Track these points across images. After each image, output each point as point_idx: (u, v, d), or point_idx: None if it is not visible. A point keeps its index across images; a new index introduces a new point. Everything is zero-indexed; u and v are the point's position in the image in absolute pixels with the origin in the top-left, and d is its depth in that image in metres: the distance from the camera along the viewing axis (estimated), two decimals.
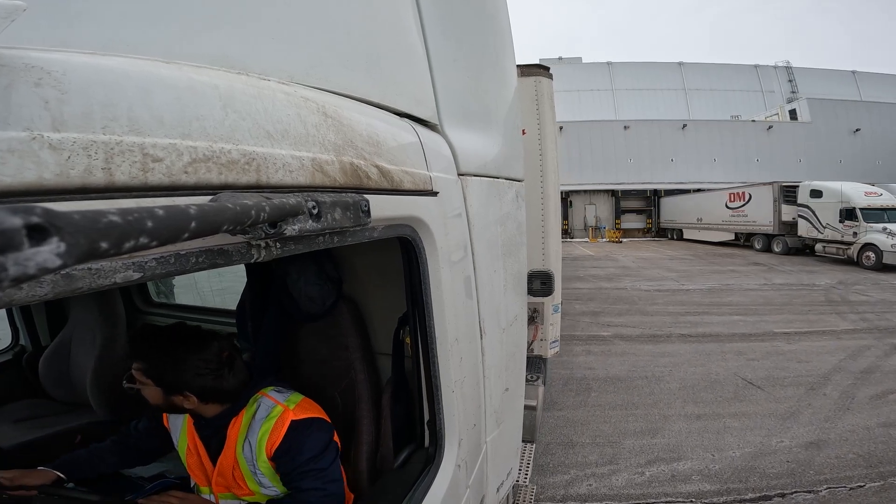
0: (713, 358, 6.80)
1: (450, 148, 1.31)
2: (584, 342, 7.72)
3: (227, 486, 1.44)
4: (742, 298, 11.01)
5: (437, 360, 1.20)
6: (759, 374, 6.11)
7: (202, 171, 0.53)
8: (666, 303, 10.77)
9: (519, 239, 1.89)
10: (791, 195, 19.74)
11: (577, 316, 9.67)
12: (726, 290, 12.19)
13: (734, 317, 9.23)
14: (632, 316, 9.59)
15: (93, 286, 0.42)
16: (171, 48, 0.66)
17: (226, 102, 0.59)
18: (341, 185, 0.76)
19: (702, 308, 10.13)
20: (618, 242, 30.84)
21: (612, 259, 20.83)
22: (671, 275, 15.20)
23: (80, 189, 0.42)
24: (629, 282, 14.01)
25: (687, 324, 8.80)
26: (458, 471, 1.30)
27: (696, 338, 7.88)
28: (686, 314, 9.60)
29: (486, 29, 1.74)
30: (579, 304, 10.85)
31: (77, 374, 2.49)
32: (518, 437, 2.13)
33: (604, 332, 8.32)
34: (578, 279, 14.91)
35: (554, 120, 3.95)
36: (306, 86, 0.83)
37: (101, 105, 0.45)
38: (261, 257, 0.61)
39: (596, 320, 9.25)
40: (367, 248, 1.47)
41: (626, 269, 16.94)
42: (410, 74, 1.22)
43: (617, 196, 34.75)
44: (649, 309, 10.16)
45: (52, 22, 0.60)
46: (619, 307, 10.41)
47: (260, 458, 1.38)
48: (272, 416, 1.39)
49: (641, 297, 11.45)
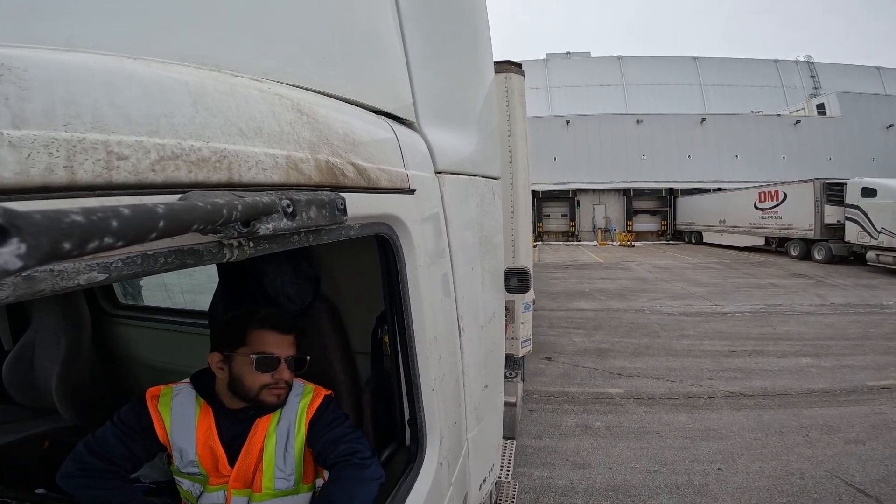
0: (789, 440, 4.29)
1: (427, 145, 1.31)
2: (581, 407, 5.14)
3: (245, 481, 1.39)
4: (801, 327, 8.24)
5: (416, 359, 1.20)
6: (874, 473, 3.67)
7: (171, 170, 0.52)
8: (699, 334, 7.95)
9: (496, 236, 1.91)
10: (836, 194, 16.96)
11: (576, 357, 6.87)
12: (775, 313, 9.39)
13: (801, 359, 6.52)
14: (653, 357, 6.79)
15: (56, 288, 0.40)
16: (139, 44, 0.64)
17: (196, 99, 0.58)
18: (317, 184, 0.76)
19: (751, 343, 7.31)
20: (629, 246, 28.34)
21: (623, 267, 17.93)
22: (698, 290, 12.19)
23: (41, 188, 0.41)
24: (646, 300, 11.07)
25: (735, 372, 6.10)
26: (441, 468, 1.31)
27: (753, 398, 5.25)
28: (731, 354, 6.82)
29: (464, 27, 1.74)
30: (581, 337, 7.93)
31: (42, 379, 2.40)
32: (499, 434, 2.15)
33: (612, 389, 5.65)
34: (582, 296, 11.77)
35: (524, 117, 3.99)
36: (281, 83, 0.82)
37: (64, 102, 0.44)
38: (233, 257, 0.60)
39: (602, 365, 6.49)
40: (343, 247, 1.46)
41: (641, 282, 13.97)
42: (388, 72, 1.21)
43: (629, 195, 32.27)
44: (677, 345, 7.34)
45: (13, 17, 0.58)
46: (634, 341, 7.62)
47: (298, 437, 1.40)
48: (307, 392, 1.46)
49: (665, 325, 8.62)
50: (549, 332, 8.33)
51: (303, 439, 1.40)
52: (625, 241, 29.85)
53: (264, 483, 1.38)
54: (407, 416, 1.30)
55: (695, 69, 39.99)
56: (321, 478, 1.52)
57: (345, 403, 1.70)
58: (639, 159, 32.27)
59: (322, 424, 1.40)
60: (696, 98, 38.82)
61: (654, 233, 32.34)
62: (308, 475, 1.46)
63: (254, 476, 1.39)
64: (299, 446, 1.41)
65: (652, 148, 32.16)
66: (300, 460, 1.41)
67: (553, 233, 33.56)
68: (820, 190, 17.36)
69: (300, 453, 1.41)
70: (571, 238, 32.96)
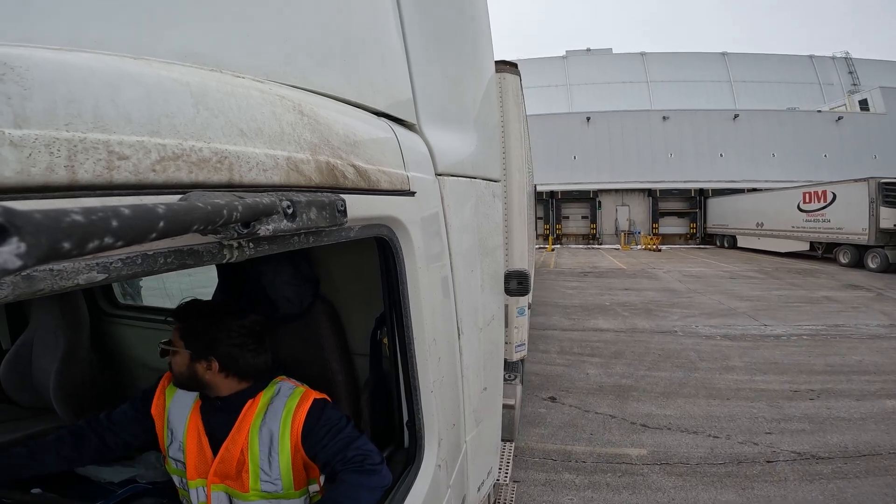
0: None
1: (427, 148, 1.31)
2: (586, 478, 3.72)
3: (225, 476, 1.39)
4: (875, 356, 6.56)
5: (415, 361, 1.20)
6: None
7: (171, 170, 0.52)
8: (748, 366, 6.25)
9: (496, 239, 1.91)
10: (894, 195, 15.25)
11: (588, 397, 5.31)
12: (839, 336, 7.68)
13: (885, 401, 4.99)
14: (689, 399, 5.18)
15: (55, 288, 0.40)
16: (141, 44, 0.64)
17: (197, 100, 0.58)
18: (317, 185, 0.76)
19: (817, 379, 5.69)
20: (655, 251, 26.25)
21: (649, 275, 15.77)
22: (740, 305, 10.27)
23: (41, 187, 0.41)
24: (678, 317, 9.14)
25: (801, 421, 4.55)
26: (439, 471, 1.30)
27: (829, 462, 3.80)
28: (793, 394, 5.22)
29: (465, 29, 1.75)
30: (597, 368, 6.27)
31: (40, 379, 2.40)
32: (497, 436, 2.15)
33: (632, 449, 4.14)
34: (601, 312, 9.89)
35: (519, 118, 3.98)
36: (283, 84, 0.82)
37: (66, 101, 0.44)
38: (233, 258, 0.60)
39: (621, 410, 4.93)
40: (343, 249, 1.46)
41: (671, 294, 12.04)
42: (389, 73, 1.21)
43: (654, 196, 30.33)
44: (720, 381, 5.71)
45: (15, 17, 0.58)
46: (664, 375, 5.94)
47: (283, 446, 1.35)
48: (295, 395, 1.41)
49: (703, 353, 6.85)
50: (557, 361, 6.68)
51: (288, 450, 1.36)
52: (650, 245, 27.76)
53: (251, 483, 1.37)
54: (405, 418, 1.29)
55: (724, 65, 37.84)
56: (316, 483, 1.50)
57: (343, 405, 1.70)
58: (665, 158, 30.46)
59: (320, 434, 1.35)
60: (725, 95, 36.74)
61: (682, 236, 30.37)
62: (299, 482, 1.43)
63: (240, 474, 1.37)
64: (285, 456, 1.36)
65: (680, 146, 30.41)
66: (287, 469, 1.38)
67: (572, 235, 31.98)
68: (875, 190, 15.45)
69: (287, 463, 1.37)
70: (592, 241, 31.27)
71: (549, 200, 30.93)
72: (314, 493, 1.49)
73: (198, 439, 1.42)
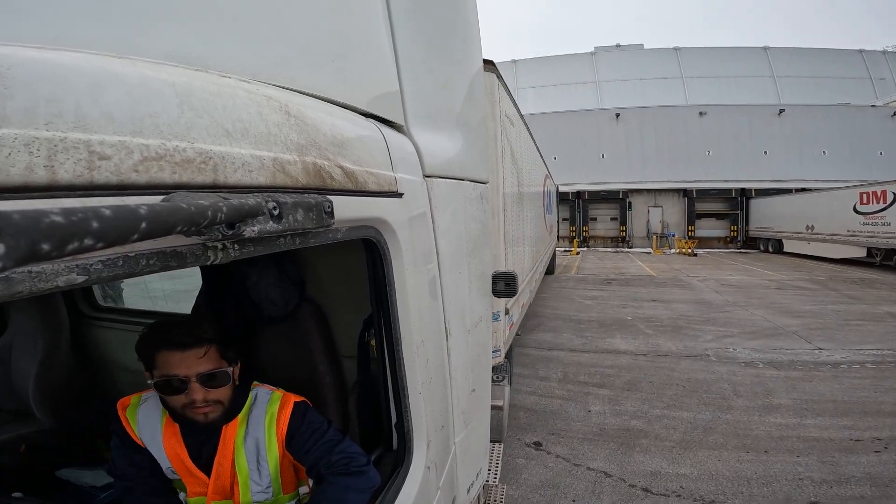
0: None
1: (415, 149, 1.31)
2: None
3: (224, 493, 1.36)
4: None
5: (403, 362, 1.20)
6: None
7: (154, 170, 0.51)
8: (797, 404, 4.90)
9: (483, 240, 1.92)
10: None
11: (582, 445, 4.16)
12: None
13: None
14: (715, 452, 3.94)
15: (33, 290, 0.40)
16: (127, 43, 0.63)
17: (182, 99, 0.58)
18: (304, 186, 0.75)
19: (886, 423, 4.37)
20: (691, 255, 23.84)
21: (682, 284, 13.75)
22: (789, 323, 8.45)
23: (20, 187, 0.40)
24: (712, 337, 7.63)
25: (862, 486, 3.40)
26: (428, 472, 1.30)
27: None
28: (853, 446, 3.96)
29: (455, 31, 1.75)
30: (602, 403, 5.07)
31: (19, 382, 2.35)
32: (486, 438, 2.15)
33: None
34: (620, 328, 8.36)
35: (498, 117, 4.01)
36: (269, 84, 0.82)
37: (46, 101, 0.43)
38: (217, 259, 0.59)
39: (621, 466, 3.79)
40: (330, 250, 1.46)
41: (705, 307, 10.18)
42: (377, 74, 1.21)
43: (690, 196, 28.00)
44: (759, 426, 4.41)
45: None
46: (686, 416, 4.68)
47: (270, 451, 1.33)
48: (274, 400, 1.37)
49: (740, 385, 5.49)
50: (555, 392, 5.44)
51: (276, 454, 1.35)
52: (685, 250, 25.10)
53: (242, 496, 1.35)
54: (394, 420, 1.29)
55: (766, 60, 35.06)
56: (306, 486, 1.49)
57: (331, 407, 1.68)
58: (702, 156, 28.20)
59: (303, 438, 1.33)
60: (768, 90, 33.92)
61: (722, 239, 27.87)
62: (288, 485, 1.43)
63: (232, 489, 1.36)
64: (274, 461, 1.35)
65: (718, 143, 28.09)
66: (276, 473, 1.37)
67: (600, 238, 29.86)
68: None
69: (276, 467, 1.36)
70: (622, 244, 29.09)
71: (574, 201, 29.26)
72: (304, 494, 1.48)
73: (183, 465, 1.37)
